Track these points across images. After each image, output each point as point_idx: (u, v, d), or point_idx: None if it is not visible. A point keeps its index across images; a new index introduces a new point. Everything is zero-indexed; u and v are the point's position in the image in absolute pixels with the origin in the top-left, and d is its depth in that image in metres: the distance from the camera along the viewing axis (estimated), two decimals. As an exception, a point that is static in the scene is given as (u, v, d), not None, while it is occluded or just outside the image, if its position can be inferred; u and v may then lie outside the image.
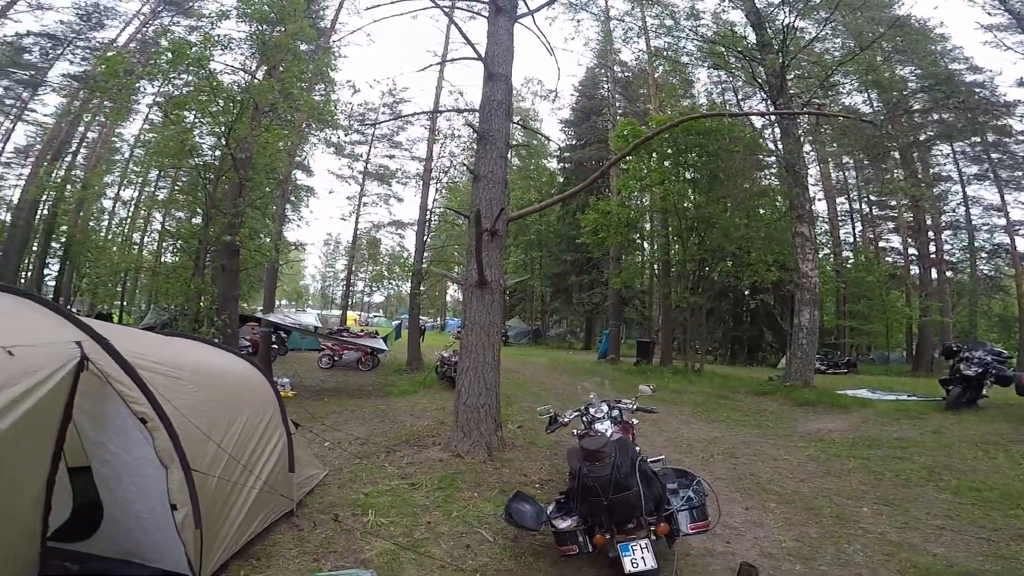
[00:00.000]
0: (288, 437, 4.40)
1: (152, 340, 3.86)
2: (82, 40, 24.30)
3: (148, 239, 29.86)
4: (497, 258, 6.54)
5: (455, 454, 6.00)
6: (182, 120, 12.64)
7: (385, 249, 29.59)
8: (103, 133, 27.01)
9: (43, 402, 2.35)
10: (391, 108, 29.27)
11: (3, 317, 2.73)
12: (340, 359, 17.15)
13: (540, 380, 14.53)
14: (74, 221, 24.88)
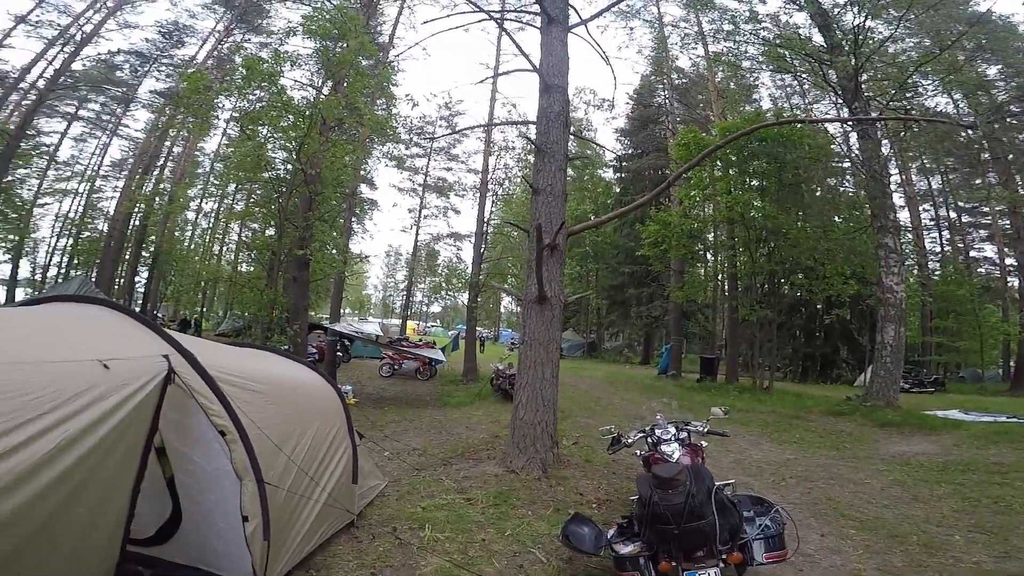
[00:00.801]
0: (353, 448, 4.48)
1: (230, 353, 4.01)
2: (165, 58, 26.37)
3: (226, 249, 31.93)
4: (557, 273, 6.44)
5: (510, 470, 5.94)
6: (256, 135, 13.36)
7: (443, 261, 30.22)
8: (187, 148, 29.04)
9: (134, 413, 2.48)
10: (447, 121, 29.96)
11: (100, 330, 2.91)
12: (400, 368, 17.56)
13: (596, 395, 14.26)
14: (161, 232, 26.84)
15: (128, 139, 30.43)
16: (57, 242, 30.61)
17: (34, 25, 21.99)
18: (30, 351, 2.33)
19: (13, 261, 27.11)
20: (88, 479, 2.24)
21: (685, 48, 21.63)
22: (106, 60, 24.21)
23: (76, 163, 30.02)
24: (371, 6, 18.28)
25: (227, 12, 26.23)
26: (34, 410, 2.03)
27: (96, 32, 21.76)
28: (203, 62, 25.13)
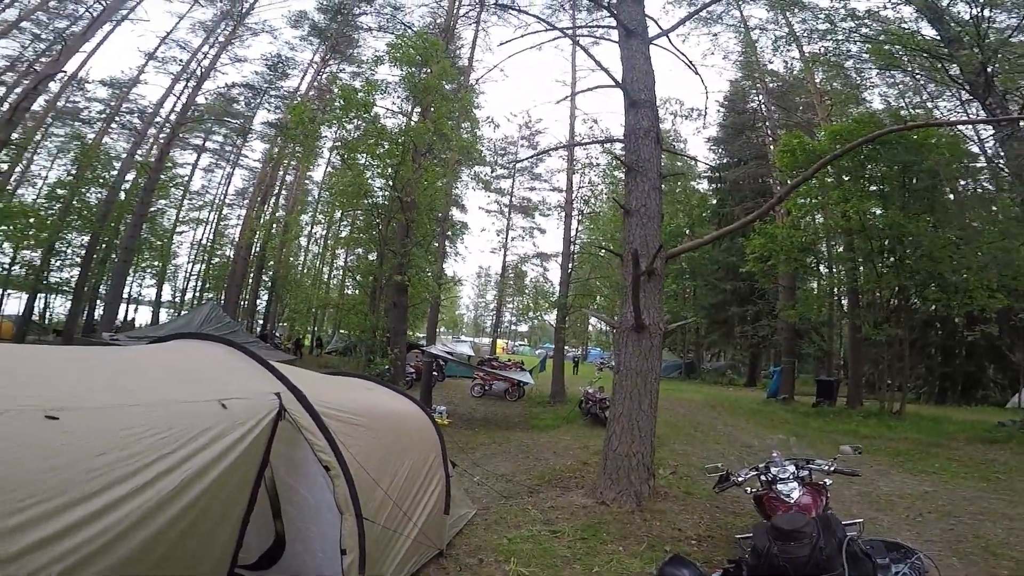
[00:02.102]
0: (447, 479, 4.51)
1: (333, 385, 4.19)
2: (273, 90, 28.84)
3: (334, 273, 34.42)
4: (656, 300, 6.14)
5: (600, 501, 5.71)
6: (355, 163, 14.28)
7: (530, 281, 30.42)
8: (297, 177, 31.55)
9: (248, 449, 2.63)
10: (528, 140, 30.44)
11: (219, 368, 3.17)
12: (490, 388, 17.80)
13: (696, 420, 13.47)
14: (278, 258, 29.42)
15: (247, 169, 33.96)
16: (192, 267, 34.79)
17: (161, 61, 25.24)
18: (161, 391, 2.56)
19: (158, 285, 31.25)
20: (205, 511, 2.39)
21: (778, 51, 20.46)
22: (223, 94, 27.01)
23: (206, 192, 34.04)
24: (449, 31, 19.05)
25: (321, 44, 28.29)
26: (162, 448, 2.21)
27: (212, 66, 24.13)
28: (305, 93, 27.34)
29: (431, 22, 22.06)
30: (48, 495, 1.81)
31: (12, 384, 2.20)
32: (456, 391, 17.98)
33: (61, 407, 2.06)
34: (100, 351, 3.53)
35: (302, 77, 28.76)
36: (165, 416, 2.34)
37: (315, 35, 27.85)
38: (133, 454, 2.11)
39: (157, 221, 26.05)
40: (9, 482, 1.75)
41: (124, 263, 21.35)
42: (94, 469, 1.97)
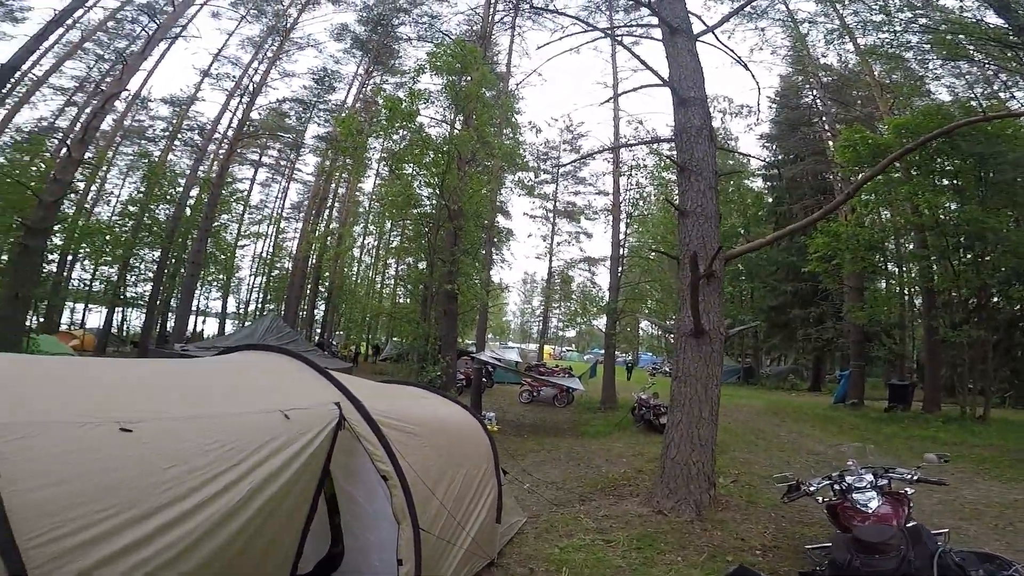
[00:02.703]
0: (499, 488, 4.48)
1: (389, 394, 4.23)
2: (321, 103, 29.85)
3: (386, 282, 35.30)
4: (716, 304, 5.97)
5: (657, 510, 5.57)
6: (403, 173, 14.59)
7: (577, 286, 30.13)
8: (348, 189, 32.37)
9: (310, 459, 2.68)
10: (570, 144, 30.13)
11: (281, 379, 3.25)
12: (538, 395, 17.72)
13: (757, 427, 12.94)
14: (334, 269, 30.40)
15: (301, 183, 35.28)
16: (254, 279, 36.54)
17: (215, 78, 26.64)
18: (227, 403, 2.65)
19: (223, 298, 32.99)
20: (268, 522, 2.44)
21: (831, 44, 19.59)
22: (275, 108, 28.20)
23: (264, 207, 35.63)
24: (486, 37, 19.15)
25: (364, 56, 29.10)
26: (229, 460, 2.27)
27: (263, 82, 25.06)
28: (352, 105, 28.11)
29: (468, 30, 22.31)
30: (122, 507, 1.88)
31: (91, 396, 2.32)
32: (504, 397, 18.00)
33: (135, 419, 2.15)
34: (172, 363, 3.70)
35: (348, 90, 29.67)
36: (231, 427, 2.42)
37: (357, 47, 28.67)
38: (201, 466, 2.18)
39: (220, 235, 27.25)
40: (86, 494, 1.83)
41: (192, 277, 22.66)
42: (165, 481, 2.04)
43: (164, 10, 18.56)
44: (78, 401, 2.24)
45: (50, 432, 1.93)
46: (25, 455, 1.81)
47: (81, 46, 21.95)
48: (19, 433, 1.85)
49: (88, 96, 24.17)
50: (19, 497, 1.70)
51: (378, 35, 27.43)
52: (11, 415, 1.93)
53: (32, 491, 1.74)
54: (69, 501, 1.79)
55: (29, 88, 20.04)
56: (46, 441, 1.90)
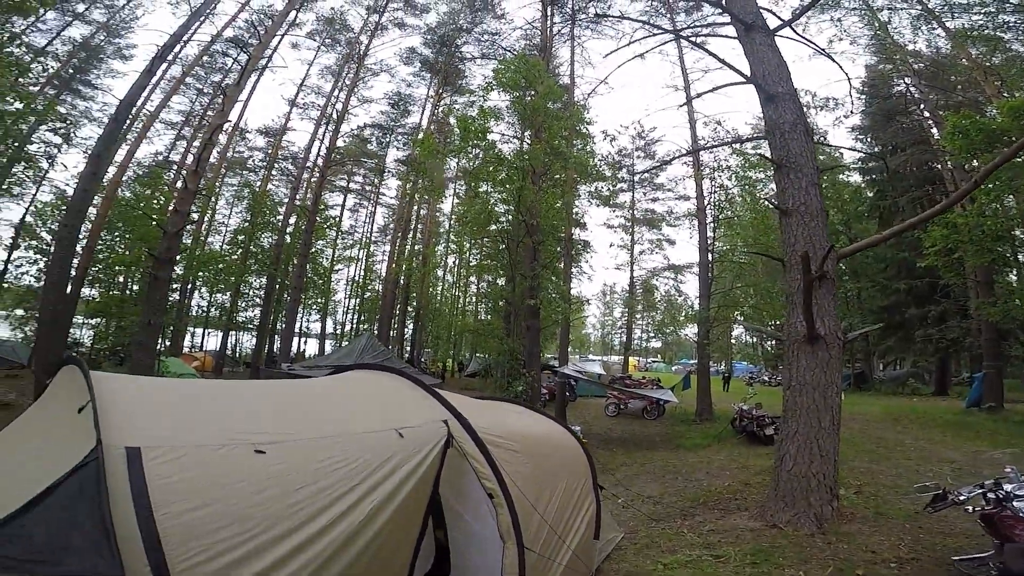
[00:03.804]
0: (598, 503, 4.37)
1: (487, 409, 4.22)
2: (399, 127, 30.92)
3: (468, 299, 36.12)
4: (830, 306, 5.58)
5: (771, 524, 5.27)
6: (479, 191, 14.85)
7: (661, 295, 29.15)
8: (429, 210, 33.28)
9: (423, 476, 2.74)
10: (644, 151, 29.35)
11: (391, 397, 3.35)
12: (626, 408, 17.26)
13: (877, 435, 11.82)
14: (420, 289, 31.55)
15: (386, 206, 36.93)
16: (348, 301, 38.76)
17: (302, 107, 28.53)
18: (346, 422, 2.76)
19: (321, 319, 35.22)
20: (387, 539, 2.50)
21: (918, 31, 17.94)
22: (358, 135, 29.35)
23: (354, 231, 37.58)
24: (547, 50, 19.16)
25: (432, 78, 30.06)
26: (352, 479, 2.36)
27: (345, 109, 26.14)
28: (427, 128, 28.82)
29: (527, 44, 22.40)
30: (260, 529, 1.98)
31: (224, 418, 2.47)
32: (588, 410, 17.69)
33: (267, 441, 2.27)
34: (291, 384, 3.90)
35: (421, 112, 30.74)
36: (352, 447, 2.51)
37: (426, 69, 29.75)
38: (327, 486, 2.26)
39: (318, 261, 28.86)
40: (228, 516, 1.94)
41: (294, 301, 24.46)
42: (297, 502, 2.13)
43: (250, 42, 20.01)
44: (214, 423, 2.40)
45: (194, 455, 2.07)
46: (173, 478, 1.94)
47: (183, 81, 23.99)
48: (168, 456, 1.99)
49: (194, 129, 26.70)
50: (170, 520, 1.82)
51: (444, 56, 28.35)
52: (159, 438, 2.08)
53: (181, 515, 1.86)
54: (214, 524, 1.90)
55: (145, 123, 21.85)
56: (191, 464, 2.03)
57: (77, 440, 2.02)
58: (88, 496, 1.78)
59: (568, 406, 16.65)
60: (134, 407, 2.25)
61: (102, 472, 1.82)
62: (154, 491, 1.85)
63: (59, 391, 2.80)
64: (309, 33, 26.38)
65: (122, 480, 1.84)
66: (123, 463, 1.88)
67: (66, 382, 2.77)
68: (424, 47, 28.84)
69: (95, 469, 1.83)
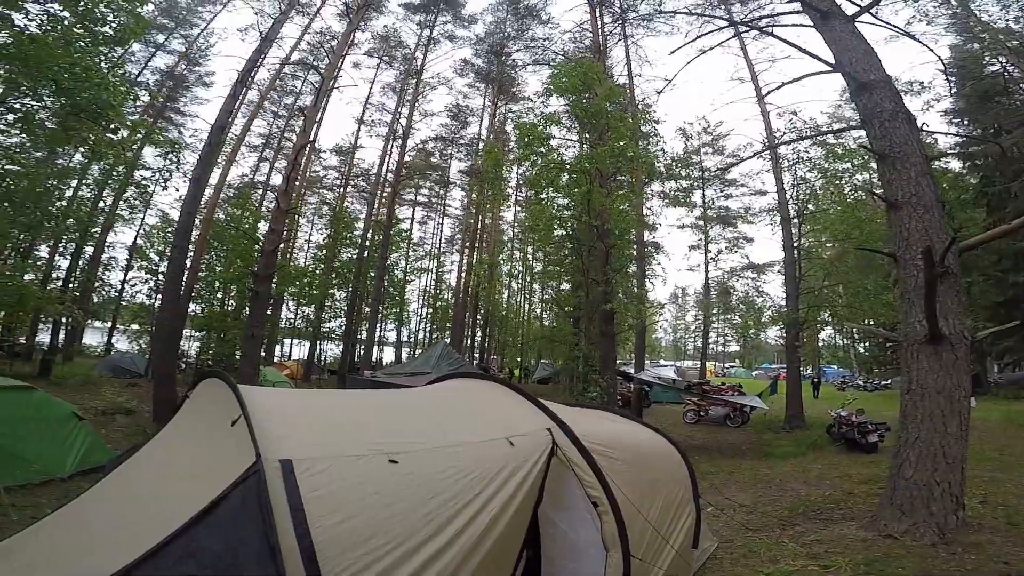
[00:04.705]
0: (697, 512, 4.29)
1: (585, 418, 4.15)
2: (460, 139, 31.73)
3: (533, 307, 36.27)
4: (955, 304, 5.26)
5: (885, 534, 5.06)
6: (543, 198, 14.84)
7: (740, 296, 27.81)
8: (493, 219, 33.76)
9: (531, 485, 2.76)
10: (712, 146, 28.26)
11: (496, 406, 3.41)
12: (706, 414, 16.64)
13: (999, 442, 10.86)
14: (488, 297, 32.01)
15: (452, 217, 37.96)
16: (421, 311, 40.04)
17: (368, 125, 29.86)
18: (462, 431, 2.83)
19: (397, 329, 36.59)
20: (500, 548, 2.51)
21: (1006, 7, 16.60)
22: (422, 148, 30.55)
23: (423, 243, 38.75)
24: (602, 52, 18.85)
25: (487, 87, 30.55)
26: (474, 489, 2.41)
27: (409, 124, 27.15)
28: (487, 137, 29.51)
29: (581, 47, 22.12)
30: (399, 540, 2.02)
31: (355, 429, 2.56)
32: (664, 417, 17.21)
33: (397, 451, 2.34)
34: (400, 394, 4.03)
35: (480, 122, 31.43)
36: (471, 456, 2.58)
37: (481, 80, 30.28)
38: (452, 496, 2.32)
39: (393, 273, 30.13)
40: (371, 527, 1.99)
41: (374, 312, 25.63)
42: (428, 512, 2.19)
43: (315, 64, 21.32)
44: (348, 433, 2.49)
45: (337, 466, 2.13)
46: (322, 490, 2.00)
47: (262, 105, 25.66)
48: (316, 468, 2.05)
49: (274, 151, 28.77)
50: (323, 533, 1.87)
51: (497, 65, 28.75)
52: (305, 450, 2.14)
53: (331, 528, 1.91)
54: (359, 536, 1.95)
55: (233, 146, 23.36)
56: (335, 475, 2.09)
57: (232, 453, 2.14)
58: (251, 511, 1.85)
59: (643, 413, 16.30)
60: (278, 419, 2.34)
61: (263, 487, 1.88)
62: (307, 503, 1.91)
63: (201, 403, 2.98)
64: (367, 51, 27.80)
65: (279, 494, 1.89)
66: (279, 476, 1.94)
67: (207, 394, 2.93)
68: (475, 57, 29.50)
69: (256, 483, 1.90)
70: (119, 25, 8.39)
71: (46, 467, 6.03)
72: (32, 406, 6.51)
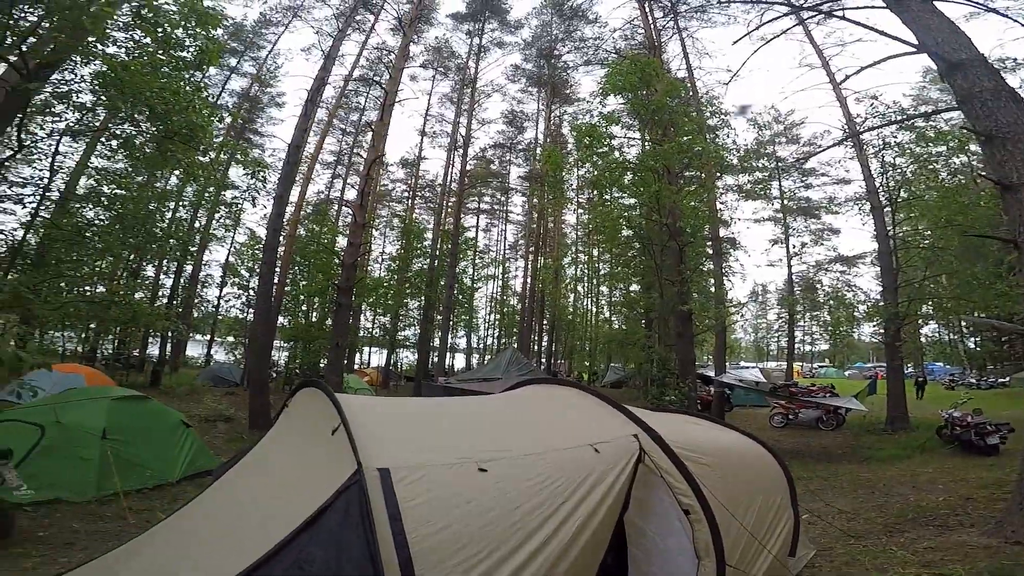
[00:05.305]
0: (796, 519, 4.08)
1: (671, 423, 4.02)
2: (518, 144, 31.89)
3: (600, 309, 35.76)
4: None
5: (1012, 541, 4.70)
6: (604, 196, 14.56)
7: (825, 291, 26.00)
8: (555, 222, 33.76)
9: (618, 492, 2.70)
10: (785, 136, 26.71)
11: (577, 412, 3.38)
12: (795, 417, 15.66)
13: None
14: (553, 301, 31.98)
15: (515, 223, 38.25)
16: (489, 317, 40.62)
17: (431, 136, 30.62)
18: (546, 438, 2.82)
19: (467, 336, 37.35)
20: (585, 556, 2.47)
21: None
22: (482, 156, 31.00)
23: (488, 250, 39.32)
24: (657, 47, 18.23)
25: (540, 91, 30.47)
26: (560, 497, 2.39)
27: (469, 134, 27.80)
28: (544, 141, 29.45)
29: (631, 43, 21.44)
30: (490, 550, 2.02)
31: (447, 436, 2.61)
32: (748, 421, 16.39)
33: (487, 459, 2.35)
34: (480, 400, 4.09)
35: (535, 126, 31.53)
36: (556, 463, 2.56)
37: (533, 84, 30.34)
38: (539, 504, 2.30)
39: (462, 281, 30.51)
40: (464, 537, 2.00)
41: (445, 319, 26.30)
42: (516, 522, 2.18)
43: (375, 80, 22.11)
44: (439, 441, 2.54)
45: (430, 475, 2.16)
46: (417, 499, 2.02)
47: (331, 122, 27.00)
48: (411, 477, 2.09)
49: (346, 167, 30.12)
50: (419, 543, 1.88)
51: (548, 68, 28.65)
52: (401, 458, 2.17)
53: (427, 538, 1.93)
54: (453, 545, 1.96)
55: (309, 164, 24.67)
56: (428, 484, 2.11)
57: (332, 461, 2.20)
58: (353, 520, 1.90)
59: (725, 417, 15.61)
60: (374, 428, 2.40)
61: (365, 497, 1.93)
62: (404, 512, 1.94)
63: (299, 412, 3.08)
64: (423, 64, 28.68)
65: (379, 503, 1.94)
66: (378, 486, 1.99)
67: (305, 403, 3.02)
68: (525, 62, 29.70)
69: (357, 493, 1.95)
70: (196, 49, 8.83)
71: (159, 472, 6.46)
72: (147, 415, 6.98)
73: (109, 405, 6.43)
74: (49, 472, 5.47)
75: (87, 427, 5.97)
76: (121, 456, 6.00)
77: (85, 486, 5.60)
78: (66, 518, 5.21)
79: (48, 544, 4.60)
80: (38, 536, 4.74)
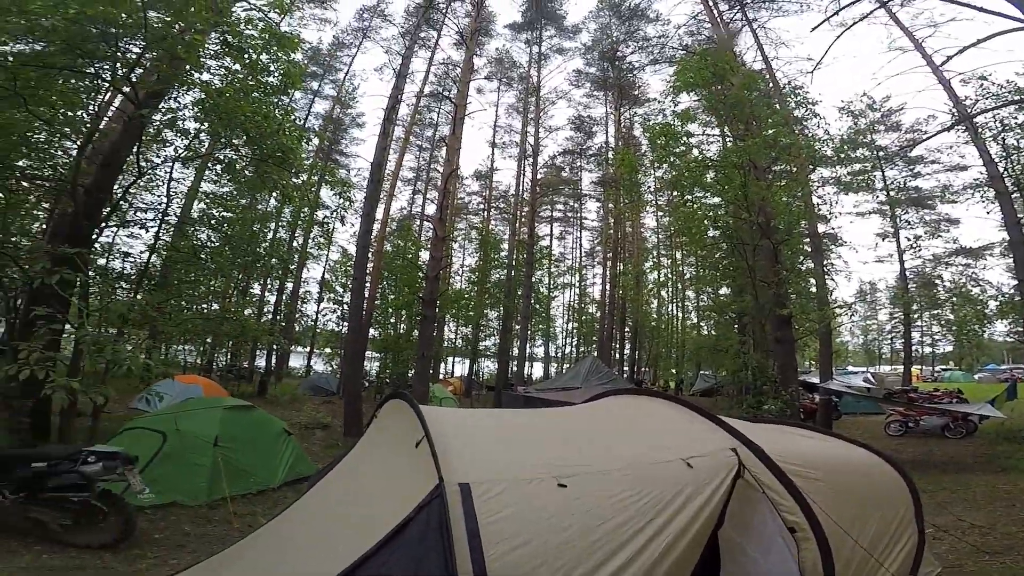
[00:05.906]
0: (920, 535, 3.67)
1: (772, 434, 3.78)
2: (587, 149, 31.54)
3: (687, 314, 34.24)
4: None
5: None
6: (686, 198, 13.90)
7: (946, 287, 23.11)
8: (633, 227, 32.92)
9: (712, 509, 2.57)
10: (883, 123, 24.08)
11: (668, 424, 3.26)
12: (916, 425, 14.09)
13: None
14: (637, 307, 31.13)
15: (590, 230, 37.74)
16: (567, 325, 40.30)
17: (501, 147, 30.96)
18: (632, 452, 2.74)
19: (545, 344, 37.34)
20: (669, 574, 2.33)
21: None
22: (552, 164, 31.01)
23: (564, 258, 38.96)
24: (728, 39, 17.16)
25: (606, 94, 29.86)
26: (647, 514, 2.30)
27: (538, 142, 27.84)
28: (615, 144, 28.82)
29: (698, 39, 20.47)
30: (568, 569, 1.98)
31: (527, 450, 2.59)
32: (859, 430, 14.95)
33: (567, 474, 2.31)
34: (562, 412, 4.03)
35: (605, 130, 31.01)
36: (643, 478, 2.47)
37: (599, 88, 29.79)
38: (623, 521, 2.23)
39: (539, 290, 30.92)
40: (541, 555, 1.97)
41: (523, 329, 26.41)
42: (597, 539, 2.12)
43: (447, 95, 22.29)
44: (518, 456, 2.52)
45: (509, 490, 2.15)
46: (496, 515, 2.02)
47: (408, 139, 27.90)
48: (491, 492, 2.09)
49: (424, 183, 31.15)
50: (496, 560, 1.88)
51: (613, 71, 28.06)
52: (481, 473, 2.18)
53: (504, 555, 1.91)
54: (529, 564, 1.93)
55: (391, 182, 25.59)
56: (507, 499, 2.10)
57: (415, 473, 2.25)
58: (433, 534, 1.93)
59: (833, 425, 14.33)
60: (456, 441, 2.42)
61: (445, 512, 1.96)
62: (482, 528, 1.95)
63: (387, 422, 3.16)
64: (487, 75, 29.25)
65: (458, 518, 1.96)
66: (459, 501, 2.01)
67: (392, 414, 3.10)
68: (588, 67, 29.37)
69: (439, 507, 1.99)
70: (280, 72, 9.23)
71: (262, 478, 6.79)
72: (253, 424, 7.40)
73: (222, 415, 6.87)
74: (167, 477, 5.92)
75: (202, 435, 6.40)
76: (230, 463, 6.38)
77: (198, 491, 6.00)
78: (179, 521, 5.57)
79: (162, 546, 4.92)
80: (154, 538, 5.08)
